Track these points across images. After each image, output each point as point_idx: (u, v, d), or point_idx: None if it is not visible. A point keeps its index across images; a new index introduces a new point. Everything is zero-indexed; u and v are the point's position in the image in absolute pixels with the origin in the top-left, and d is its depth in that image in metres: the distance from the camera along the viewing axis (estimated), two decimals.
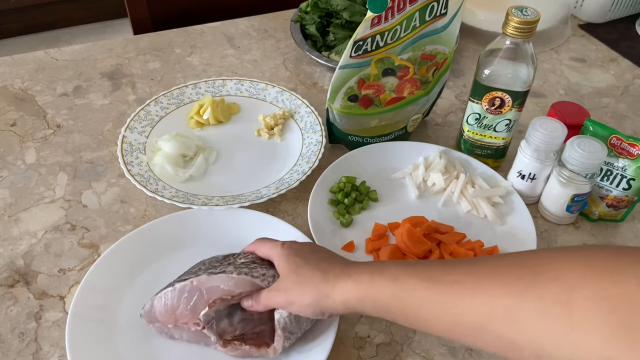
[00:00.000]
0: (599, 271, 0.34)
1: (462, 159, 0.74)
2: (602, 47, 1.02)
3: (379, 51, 0.66)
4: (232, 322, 0.53)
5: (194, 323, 0.52)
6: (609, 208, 0.68)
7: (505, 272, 0.38)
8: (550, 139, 0.65)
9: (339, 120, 0.73)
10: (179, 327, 0.53)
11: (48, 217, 0.68)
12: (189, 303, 0.51)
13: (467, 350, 0.56)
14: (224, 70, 0.93)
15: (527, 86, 0.67)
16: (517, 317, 0.36)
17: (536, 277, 0.36)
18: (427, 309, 0.41)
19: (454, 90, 0.90)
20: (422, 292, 0.41)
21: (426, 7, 0.65)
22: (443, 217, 0.68)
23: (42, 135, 0.79)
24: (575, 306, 0.33)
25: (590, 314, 0.33)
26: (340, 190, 0.69)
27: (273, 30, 1.04)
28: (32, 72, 0.91)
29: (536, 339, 0.35)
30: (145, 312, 0.54)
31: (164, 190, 0.68)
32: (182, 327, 0.53)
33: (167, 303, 0.52)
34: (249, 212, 0.65)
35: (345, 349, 0.56)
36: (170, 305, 0.52)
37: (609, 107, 0.89)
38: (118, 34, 2.42)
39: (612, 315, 0.32)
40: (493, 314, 0.37)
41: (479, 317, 0.38)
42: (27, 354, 0.55)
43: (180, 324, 0.52)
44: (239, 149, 0.78)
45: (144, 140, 0.76)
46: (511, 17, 0.62)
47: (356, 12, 0.87)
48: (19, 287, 0.60)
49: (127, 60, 0.95)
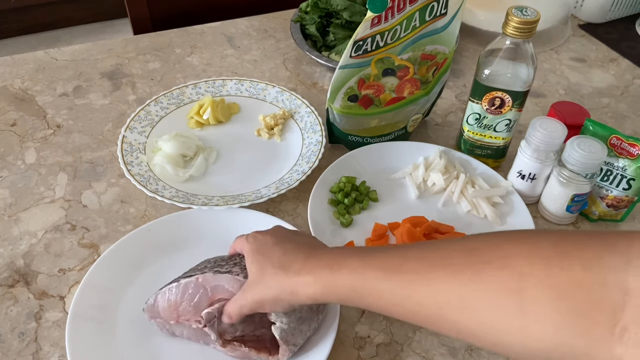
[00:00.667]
0: (547, 257, 0.34)
1: (462, 159, 0.74)
2: (602, 47, 1.02)
3: (379, 51, 0.66)
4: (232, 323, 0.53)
5: (196, 320, 0.52)
6: (609, 208, 0.68)
7: (456, 261, 0.38)
8: (550, 139, 0.65)
9: (339, 120, 0.73)
10: (180, 323, 0.53)
11: (48, 217, 0.68)
12: (192, 299, 0.51)
13: (467, 350, 0.56)
14: (224, 70, 0.93)
15: (527, 86, 0.67)
16: (469, 306, 0.36)
17: (486, 265, 0.36)
18: (385, 300, 0.41)
19: (454, 90, 0.90)
20: (380, 284, 0.41)
21: (426, 7, 0.65)
22: (443, 217, 0.68)
23: (42, 135, 0.79)
24: (525, 293, 0.34)
25: (540, 301, 0.33)
26: (340, 190, 0.69)
27: (273, 30, 1.04)
28: (32, 72, 0.91)
29: (489, 327, 0.36)
30: (148, 307, 0.53)
31: (164, 190, 0.68)
32: (183, 324, 0.53)
33: (170, 298, 0.52)
34: (249, 212, 0.65)
35: (345, 349, 0.56)
36: (174, 300, 0.52)
37: (609, 107, 0.89)
38: (118, 34, 2.42)
39: (562, 301, 0.32)
40: (446, 303, 0.38)
41: (434, 306, 0.38)
42: (27, 354, 0.55)
43: (182, 321, 0.52)
44: (239, 149, 0.78)
45: (144, 140, 0.76)
46: (511, 17, 0.62)
47: (356, 12, 0.87)
48: (19, 287, 0.60)
49: (127, 60, 0.95)
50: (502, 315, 0.35)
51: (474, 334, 0.37)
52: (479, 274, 0.36)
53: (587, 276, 0.32)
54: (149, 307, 0.53)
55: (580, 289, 0.32)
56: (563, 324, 0.32)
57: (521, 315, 0.34)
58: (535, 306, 0.33)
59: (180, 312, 0.52)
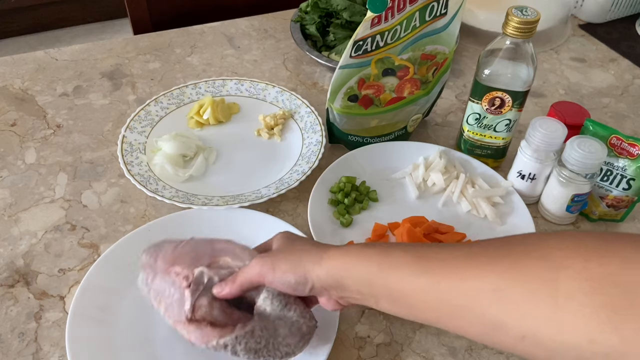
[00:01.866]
0: (586, 251, 0.34)
1: (462, 159, 0.74)
2: (602, 47, 1.02)
3: (379, 51, 0.66)
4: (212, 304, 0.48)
5: (185, 276, 0.48)
6: (609, 208, 0.68)
7: (494, 252, 0.37)
8: (550, 139, 0.65)
9: (339, 120, 0.73)
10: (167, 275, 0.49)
11: (48, 217, 0.68)
12: (195, 250, 0.50)
13: (467, 350, 0.56)
14: (224, 70, 0.93)
15: (527, 86, 0.67)
16: (503, 295, 0.35)
17: (524, 255, 0.36)
18: (411, 283, 0.40)
19: (454, 90, 0.90)
20: (408, 266, 0.40)
21: (426, 7, 0.65)
22: (443, 217, 0.68)
23: (42, 135, 0.79)
24: (561, 286, 0.33)
25: (575, 294, 0.32)
26: (340, 190, 0.69)
27: (273, 30, 1.04)
28: (32, 72, 0.91)
29: (522, 318, 0.34)
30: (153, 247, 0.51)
31: (164, 190, 0.68)
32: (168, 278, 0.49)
33: (177, 248, 0.50)
34: (249, 212, 0.65)
35: (345, 349, 0.56)
36: (179, 251, 0.50)
37: (609, 107, 0.89)
38: (118, 34, 2.42)
39: (597, 295, 0.32)
40: (478, 291, 0.36)
41: (464, 294, 0.37)
42: (27, 354, 0.55)
43: (172, 271, 0.49)
44: (239, 149, 0.78)
45: (144, 140, 0.76)
46: (511, 17, 0.62)
47: (356, 12, 0.87)
48: (19, 287, 0.60)
49: (127, 60, 0.95)
50: (537, 307, 0.34)
51: (503, 327, 0.35)
52: (517, 263, 0.35)
53: (624, 273, 0.31)
54: (154, 247, 0.51)
55: (616, 285, 0.31)
56: (595, 318, 0.31)
57: (555, 307, 0.33)
58: (568, 298, 0.32)
59: (177, 258, 0.50)
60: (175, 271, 0.49)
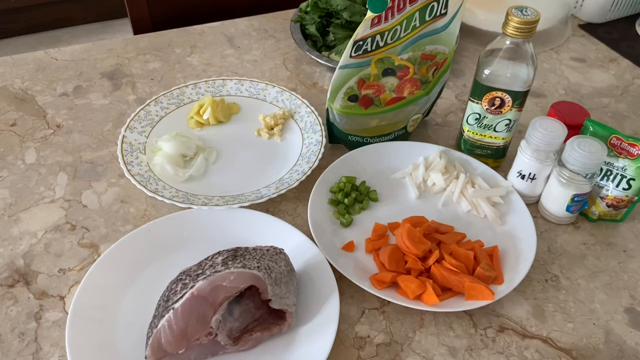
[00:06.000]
0: None
1: (462, 159, 0.74)
2: (602, 47, 1.02)
3: (379, 51, 0.66)
4: (234, 317, 0.53)
5: (206, 334, 0.50)
6: (609, 208, 0.68)
7: None
8: (550, 139, 0.65)
9: (339, 120, 0.73)
10: (189, 347, 0.50)
11: (48, 217, 0.68)
12: (197, 315, 0.49)
13: (467, 350, 0.56)
14: (224, 70, 0.93)
15: (527, 86, 0.67)
16: None
17: None
18: None
19: (454, 90, 0.90)
20: None
21: (426, 7, 0.65)
22: (443, 217, 0.68)
23: (42, 135, 0.79)
24: None
25: None
26: (340, 190, 0.69)
27: (273, 30, 1.04)
28: (32, 72, 0.91)
29: None
30: (153, 349, 0.49)
31: (164, 190, 0.68)
32: (192, 347, 0.51)
33: (174, 328, 0.49)
34: (249, 212, 0.65)
35: (345, 349, 0.56)
36: (179, 328, 0.49)
37: (609, 107, 0.89)
38: (118, 34, 2.42)
39: None
40: None
41: None
42: (27, 354, 0.55)
43: (192, 342, 0.50)
44: (239, 149, 0.78)
45: (144, 140, 0.76)
46: (511, 17, 0.62)
47: (356, 12, 0.87)
48: (19, 287, 0.60)
49: (127, 60, 0.95)
50: None
51: None
52: None
53: None
54: (154, 349, 0.49)
55: None
56: None
57: None
58: None
59: (190, 335, 0.49)
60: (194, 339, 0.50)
